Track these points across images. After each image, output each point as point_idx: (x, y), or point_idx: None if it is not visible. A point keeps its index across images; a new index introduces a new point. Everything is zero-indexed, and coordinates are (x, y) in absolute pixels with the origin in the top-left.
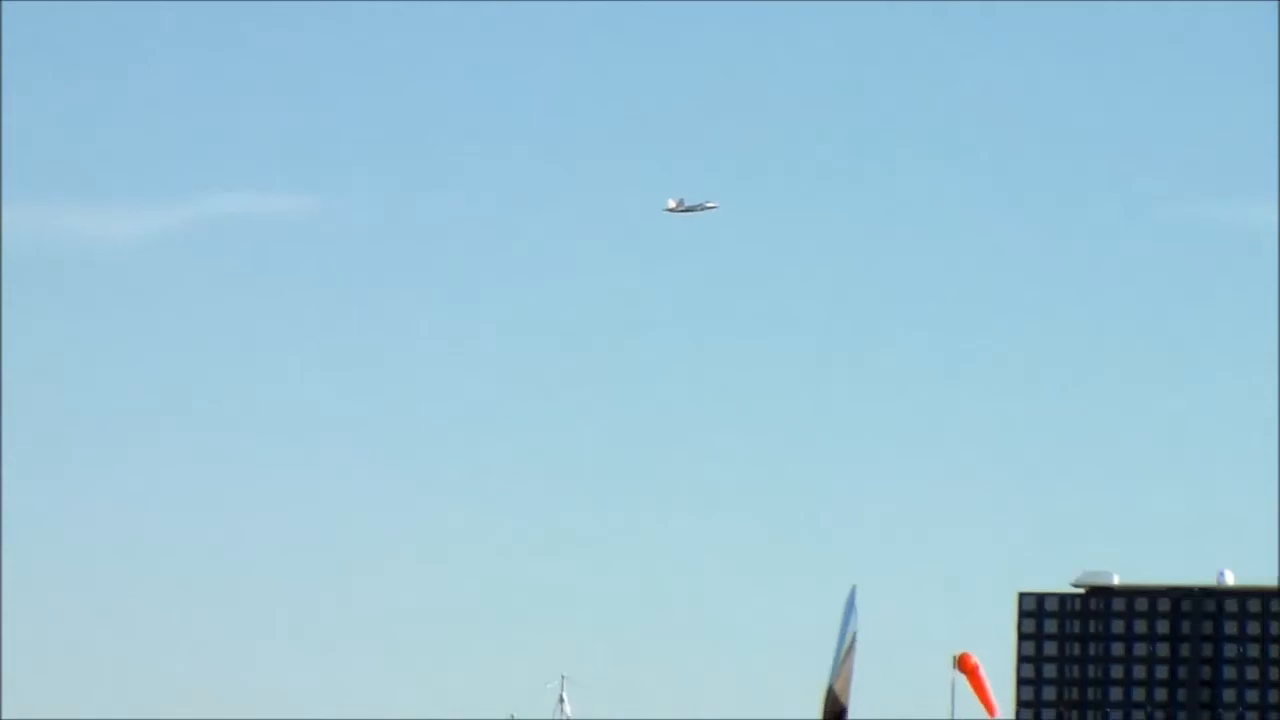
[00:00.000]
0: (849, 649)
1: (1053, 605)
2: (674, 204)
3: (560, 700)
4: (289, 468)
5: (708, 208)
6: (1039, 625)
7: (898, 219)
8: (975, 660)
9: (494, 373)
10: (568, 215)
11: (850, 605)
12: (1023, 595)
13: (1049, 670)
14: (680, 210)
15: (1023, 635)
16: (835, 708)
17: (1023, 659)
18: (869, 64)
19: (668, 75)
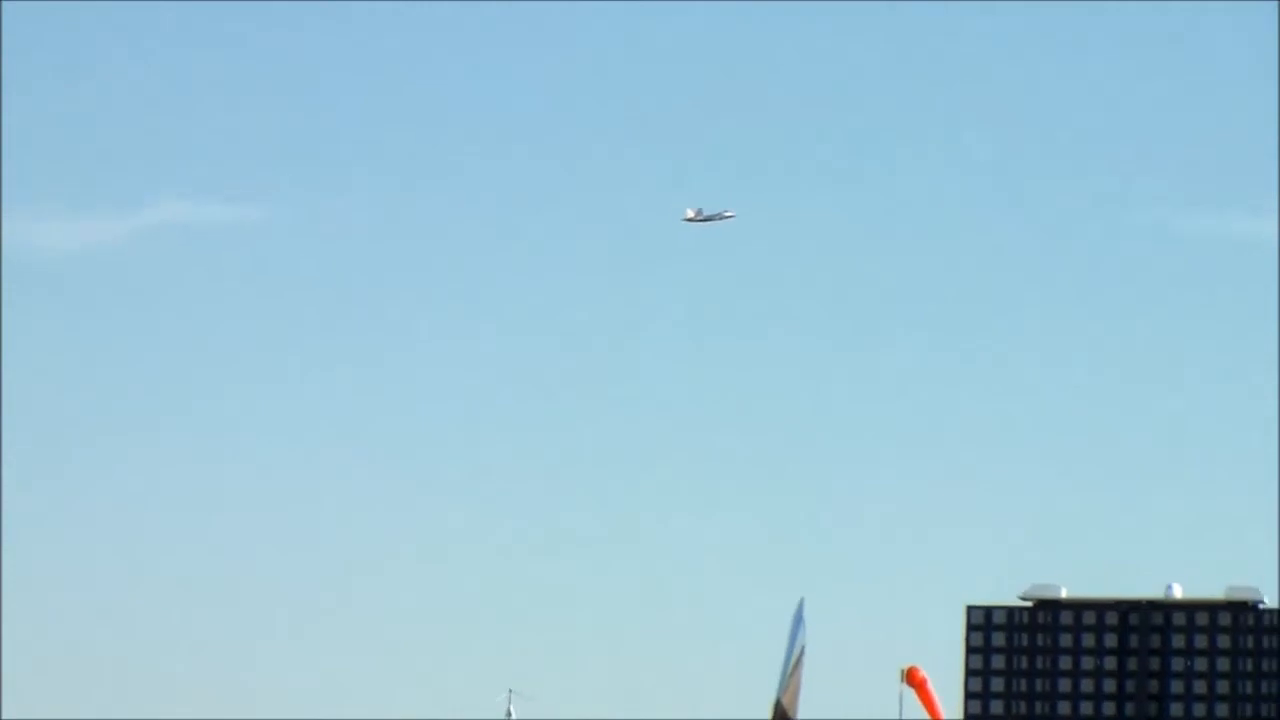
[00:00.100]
0: (797, 662)
1: (1000, 618)
2: (692, 214)
3: (508, 714)
4: (289, 468)
5: (725, 217)
6: (987, 638)
7: (898, 219)
8: (923, 673)
9: (494, 373)
10: (567, 215)
11: (798, 619)
12: (971, 608)
13: (996, 683)
14: (699, 220)
15: (970, 648)
16: None
17: (970, 672)
18: (869, 64)
19: (668, 75)
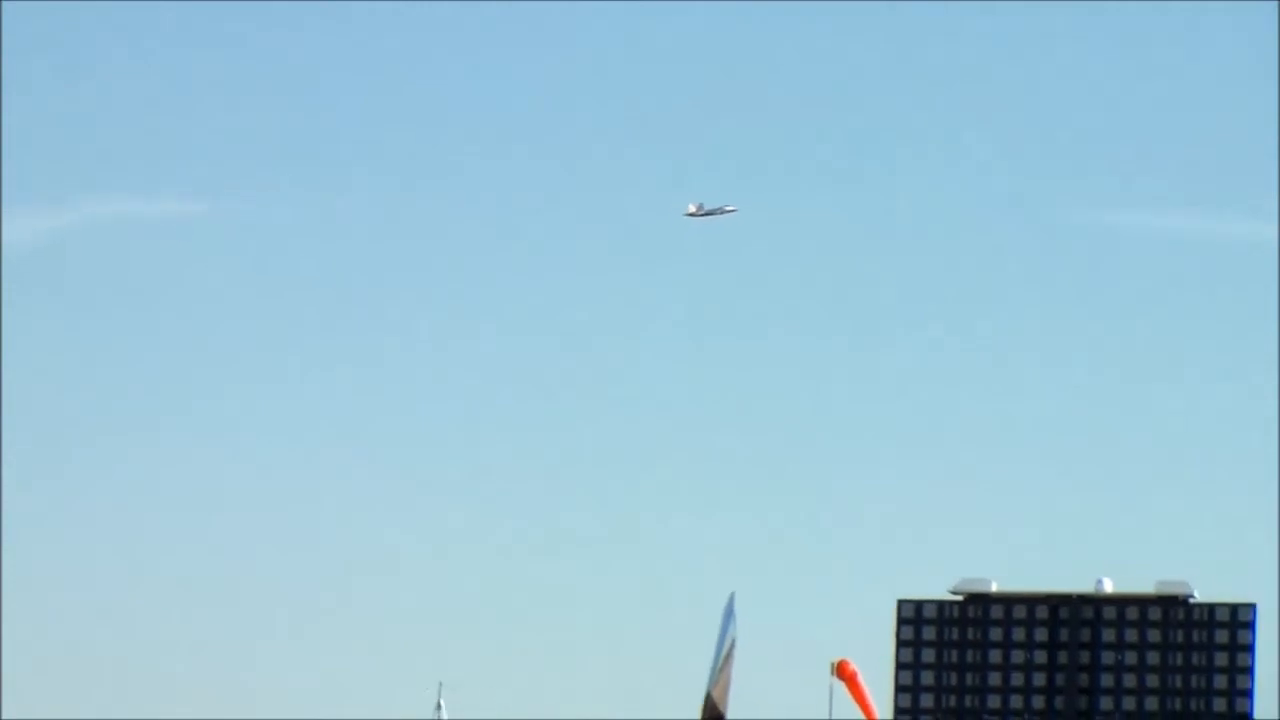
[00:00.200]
0: (728, 655)
1: (931, 612)
2: (694, 208)
3: (438, 706)
4: (289, 468)
5: (727, 211)
6: (917, 632)
7: (898, 219)
8: (854, 667)
9: (494, 373)
10: (567, 215)
11: (729, 612)
12: (901, 602)
13: (927, 677)
14: (700, 215)
15: (901, 642)
16: (713, 714)
17: (901, 666)
18: (869, 64)
19: (668, 75)
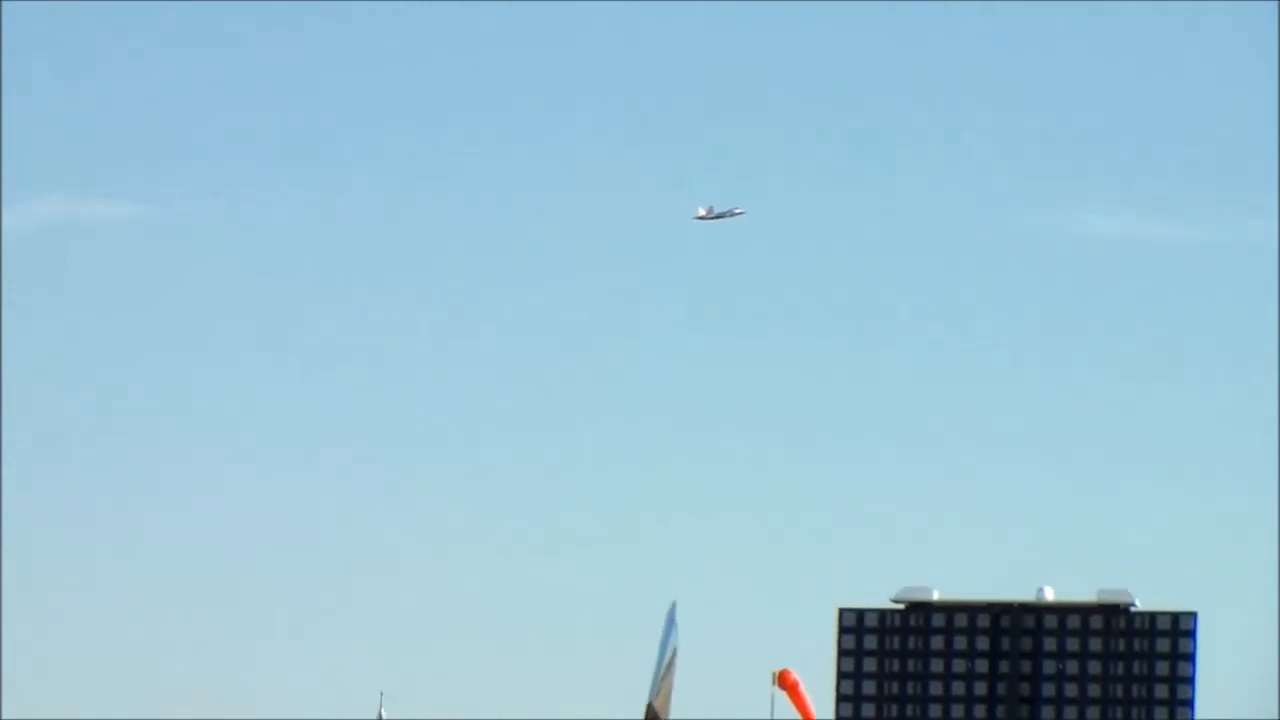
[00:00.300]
0: (669, 665)
1: (872, 621)
2: (704, 211)
3: (379, 715)
4: (289, 468)
5: (736, 214)
6: (858, 640)
7: (898, 219)
8: (795, 676)
9: (494, 373)
10: (567, 215)
11: (670, 621)
12: (843, 610)
13: (868, 686)
14: (710, 218)
15: (842, 650)
16: None
17: (842, 674)
18: (869, 64)
19: (668, 75)
